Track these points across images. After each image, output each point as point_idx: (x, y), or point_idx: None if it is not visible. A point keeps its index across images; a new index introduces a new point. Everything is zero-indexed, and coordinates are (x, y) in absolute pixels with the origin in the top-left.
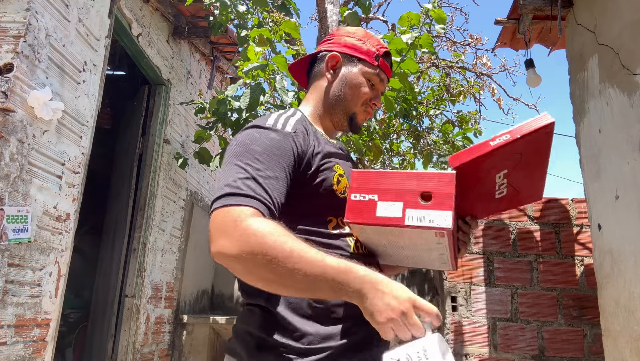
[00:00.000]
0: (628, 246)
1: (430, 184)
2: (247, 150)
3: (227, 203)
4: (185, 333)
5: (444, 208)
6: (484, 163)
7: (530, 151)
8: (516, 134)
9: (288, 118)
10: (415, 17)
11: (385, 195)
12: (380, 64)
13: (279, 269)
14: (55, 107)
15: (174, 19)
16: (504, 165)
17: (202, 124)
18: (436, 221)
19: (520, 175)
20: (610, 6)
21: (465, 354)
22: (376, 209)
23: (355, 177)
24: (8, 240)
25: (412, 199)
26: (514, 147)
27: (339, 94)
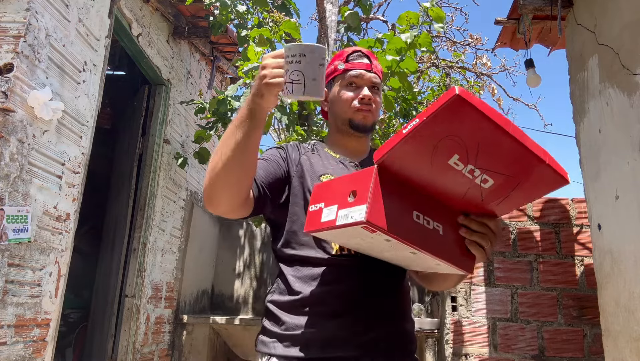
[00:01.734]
0: (628, 246)
1: (357, 182)
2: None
3: None
4: (185, 333)
5: (361, 202)
6: (411, 152)
7: (467, 131)
8: (423, 116)
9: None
10: (414, 17)
11: (328, 201)
12: (347, 67)
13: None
14: (55, 107)
15: (174, 19)
16: (447, 151)
17: (202, 124)
18: (354, 216)
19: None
20: (610, 6)
21: (465, 354)
22: (321, 216)
23: (314, 190)
24: (8, 240)
25: (343, 199)
26: (434, 130)
27: (334, 114)
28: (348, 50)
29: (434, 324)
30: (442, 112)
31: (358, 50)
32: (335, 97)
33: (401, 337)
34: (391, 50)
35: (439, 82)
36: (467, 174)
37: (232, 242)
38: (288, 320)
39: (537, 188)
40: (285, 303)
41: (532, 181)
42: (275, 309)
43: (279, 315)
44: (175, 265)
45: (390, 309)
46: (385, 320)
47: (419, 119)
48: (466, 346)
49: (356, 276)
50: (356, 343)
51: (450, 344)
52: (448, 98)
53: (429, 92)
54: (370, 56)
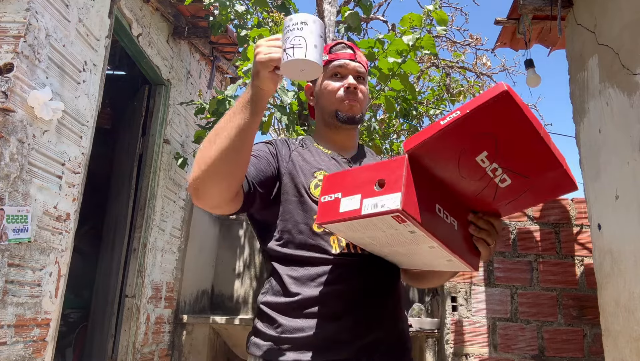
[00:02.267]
0: (628, 246)
1: (383, 171)
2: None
3: None
4: (185, 333)
5: (394, 191)
6: (444, 145)
7: (505, 128)
8: (466, 109)
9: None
10: (416, 18)
11: (347, 191)
12: (330, 58)
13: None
14: (55, 107)
15: (174, 19)
16: (478, 147)
17: (202, 124)
18: (387, 205)
19: (513, 157)
20: (610, 6)
21: (465, 354)
22: (340, 206)
23: (324, 181)
24: (8, 240)
25: (369, 188)
26: (473, 125)
27: (320, 107)
28: (331, 43)
29: (434, 324)
30: (488, 107)
31: (341, 42)
32: (320, 90)
33: (399, 337)
34: (392, 52)
35: (439, 82)
36: (489, 172)
37: (232, 242)
38: (285, 323)
39: (547, 192)
40: (281, 304)
41: (545, 184)
42: (269, 311)
43: (274, 317)
44: (175, 265)
45: (390, 309)
46: (385, 320)
47: (460, 112)
48: (466, 346)
49: (356, 276)
50: (357, 345)
51: (450, 344)
52: (496, 93)
53: (429, 92)
54: (353, 47)
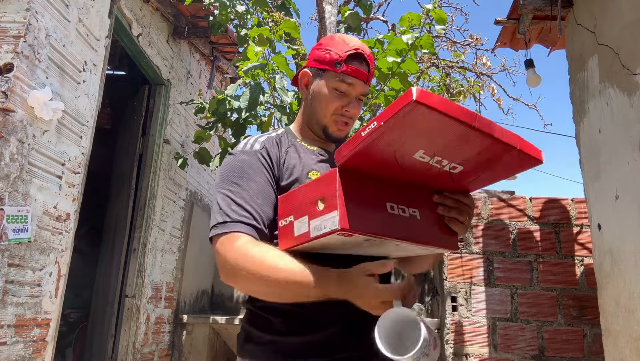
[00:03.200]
0: (628, 246)
1: (322, 187)
2: (226, 178)
3: (217, 232)
4: (185, 333)
5: (331, 210)
6: (373, 152)
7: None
8: (381, 120)
9: (258, 138)
10: (415, 18)
11: (298, 213)
12: (344, 70)
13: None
14: (55, 107)
15: (174, 19)
16: (411, 147)
17: (202, 124)
18: (328, 226)
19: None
20: (610, 6)
21: (465, 354)
22: (294, 230)
23: (280, 203)
24: (8, 240)
25: (313, 209)
26: (394, 133)
27: (311, 108)
28: (350, 45)
29: (433, 324)
30: (400, 119)
31: (361, 53)
32: (318, 95)
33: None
34: (392, 51)
35: (439, 82)
36: (435, 164)
37: None
38: (282, 327)
39: (510, 168)
40: (278, 307)
41: (504, 163)
42: (264, 314)
43: (271, 319)
44: (175, 265)
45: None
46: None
47: (376, 122)
48: (466, 346)
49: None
50: (357, 345)
51: (450, 344)
52: (404, 104)
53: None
54: (370, 63)
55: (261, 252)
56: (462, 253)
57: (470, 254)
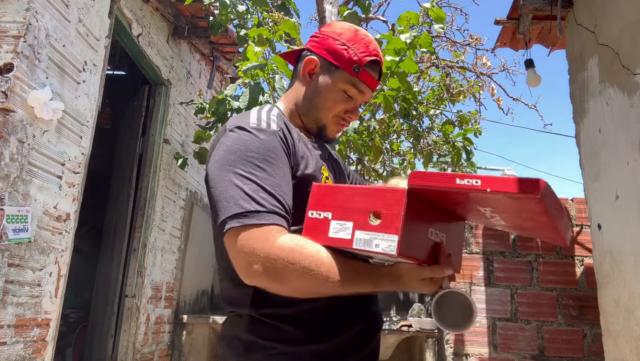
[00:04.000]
0: (628, 246)
1: (380, 202)
2: (244, 158)
3: (248, 222)
4: (185, 333)
5: (390, 232)
6: (450, 196)
7: (522, 211)
8: (486, 187)
9: (269, 114)
10: (414, 17)
11: (338, 213)
12: (361, 76)
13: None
14: (55, 107)
15: (174, 19)
16: (484, 203)
17: (202, 124)
18: (381, 246)
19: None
20: (610, 6)
21: (465, 354)
22: (329, 229)
23: (313, 193)
24: (8, 240)
25: (362, 219)
26: (487, 196)
27: (311, 102)
28: (370, 49)
29: (433, 324)
30: (509, 199)
31: (378, 60)
32: (325, 92)
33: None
34: (390, 51)
35: (439, 82)
36: (488, 216)
37: None
38: (295, 335)
39: (538, 237)
40: (288, 314)
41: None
42: (273, 322)
43: (281, 327)
44: (175, 265)
45: (380, 315)
46: (380, 325)
47: (481, 183)
48: (466, 346)
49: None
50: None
51: (450, 344)
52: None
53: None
54: (381, 70)
55: (316, 249)
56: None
57: (470, 254)
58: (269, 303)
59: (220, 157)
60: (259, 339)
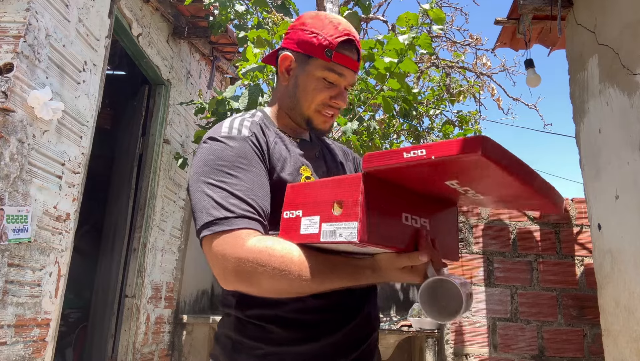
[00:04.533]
0: (628, 246)
1: (341, 190)
2: (214, 167)
3: (218, 229)
4: (185, 333)
5: (350, 219)
6: (405, 173)
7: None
8: (431, 154)
9: (243, 121)
10: (413, 18)
11: (308, 209)
12: (334, 58)
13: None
14: (55, 107)
15: (174, 19)
16: (446, 177)
17: (202, 124)
18: (344, 235)
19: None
20: (610, 6)
21: (465, 354)
22: (300, 226)
23: (287, 193)
24: (8, 240)
25: (327, 211)
26: (439, 168)
27: (293, 97)
28: (338, 30)
29: (433, 324)
30: (455, 162)
31: (352, 38)
32: (304, 84)
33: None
34: (391, 52)
35: (439, 82)
36: (461, 190)
37: None
38: (282, 336)
39: (526, 207)
40: (276, 315)
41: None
42: (259, 322)
43: (267, 328)
44: (175, 265)
45: (377, 313)
46: (376, 324)
47: (425, 152)
48: (466, 346)
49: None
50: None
51: (450, 344)
52: (468, 152)
53: (429, 92)
54: (359, 49)
55: (286, 248)
56: (462, 253)
57: (470, 254)
58: (254, 304)
59: (195, 169)
60: (245, 339)
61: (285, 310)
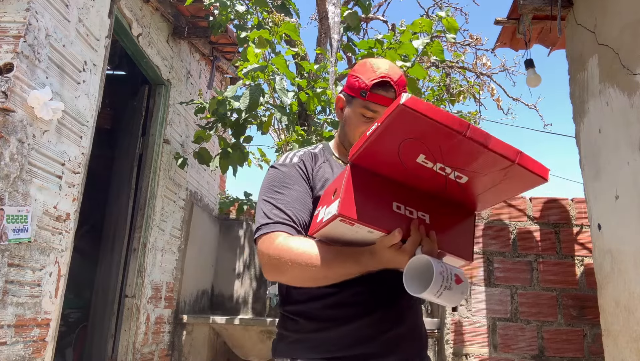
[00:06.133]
0: (628, 246)
1: (337, 182)
2: (268, 187)
3: (260, 233)
4: (185, 333)
5: (336, 199)
6: (378, 152)
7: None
8: (378, 122)
9: (297, 153)
10: (427, 24)
11: (323, 203)
12: (369, 98)
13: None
14: (55, 107)
15: (174, 19)
16: (412, 150)
17: (202, 124)
18: (331, 211)
19: (450, 156)
20: (610, 6)
21: (465, 354)
22: (318, 217)
23: (322, 196)
24: (8, 240)
25: (329, 199)
26: (393, 133)
27: (344, 130)
28: (377, 73)
29: (434, 324)
30: (393, 121)
31: (386, 81)
32: (349, 119)
33: (418, 334)
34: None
35: (439, 82)
36: (439, 170)
37: (232, 242)
38: (307, 326)
39: (515, 187)
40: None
41: (509, 179)
42: (293, 316)
43: (299, 321)
44: (175, 265)
45: (408, 304)
46: (407, 316)
47: (377, 123)
48: (466, 346)
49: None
50: (381, 339)
51: (450, 344)
52: (393, 109)
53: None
54: (397, 86)
55: (300, 242)
56: None
57: None
58: (292, 301)
59: (260, 189)
60: (284, 331)
61: (313, 306)
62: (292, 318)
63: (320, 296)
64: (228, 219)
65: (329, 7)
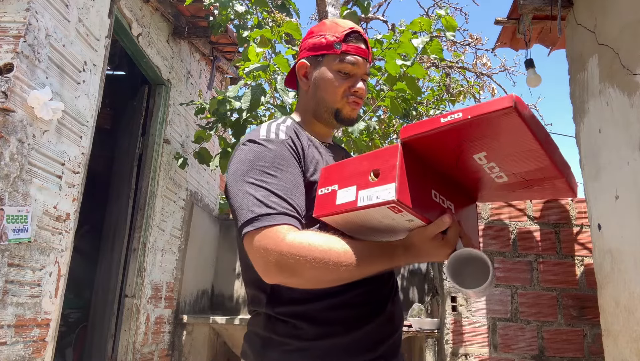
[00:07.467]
0: (628, 246)
1: (378, 161)
2: (255, 167)
3: (259, 225)
4: (185, 333)
5: (388, 182)
6: (440, 141)
7: (506, 137)
8: (468, 114)
9: (279, 126)
10: (426, 23)
11: (344, 182)
12: (344, 49)
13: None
14: (55, 107)
15: (174, 19)
16: (477, 147)
17: (202, 124)
18: (382, 196)
19: (511, 162)
20: (610, 6)
21: (465, 354)
22: (336, 198)
23: (322, 173)
24: (8, 240)
25: (364, 180)
26: (474, 130)
27: (317, 97)
28: (343, 26)
29: (434, 324)
30: (490, 119)
31: (356, 31)
32: (323, 81)
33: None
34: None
35: (439, 82)
36: (487, 169)
37: (232, 242)
38: (310, 332)
39: (544, 192)
40: (304, 312)
41: (543, 186)
42: (288, 319)
43: (297, 324)
44: (175, 265)
45: (400, 312)
46: (399, 323)
47: (462, 114)
48: (466, 346)
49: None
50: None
51: (450, 344)
52: (502, 107)
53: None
54: (366, 40)
55: (325, 239)
56: None
57: None
58: (284, 302)
59: (235, 169)
60: (274, 335)
61: (314, 307)
62: (285, 321)
63: (322, 295)
64: (228, 219)
65: (328, 9)
